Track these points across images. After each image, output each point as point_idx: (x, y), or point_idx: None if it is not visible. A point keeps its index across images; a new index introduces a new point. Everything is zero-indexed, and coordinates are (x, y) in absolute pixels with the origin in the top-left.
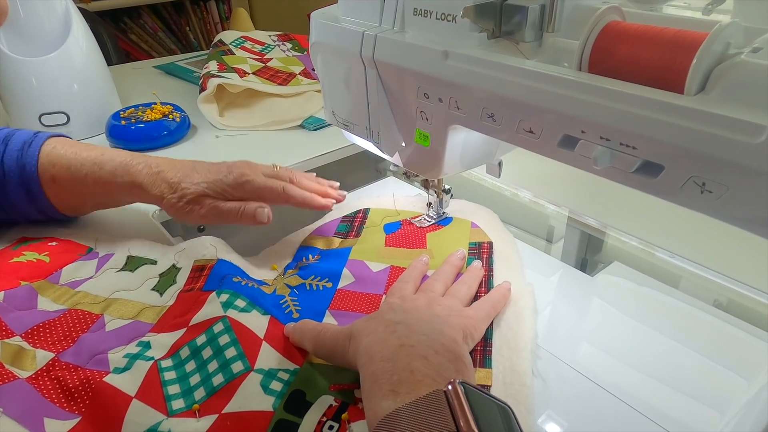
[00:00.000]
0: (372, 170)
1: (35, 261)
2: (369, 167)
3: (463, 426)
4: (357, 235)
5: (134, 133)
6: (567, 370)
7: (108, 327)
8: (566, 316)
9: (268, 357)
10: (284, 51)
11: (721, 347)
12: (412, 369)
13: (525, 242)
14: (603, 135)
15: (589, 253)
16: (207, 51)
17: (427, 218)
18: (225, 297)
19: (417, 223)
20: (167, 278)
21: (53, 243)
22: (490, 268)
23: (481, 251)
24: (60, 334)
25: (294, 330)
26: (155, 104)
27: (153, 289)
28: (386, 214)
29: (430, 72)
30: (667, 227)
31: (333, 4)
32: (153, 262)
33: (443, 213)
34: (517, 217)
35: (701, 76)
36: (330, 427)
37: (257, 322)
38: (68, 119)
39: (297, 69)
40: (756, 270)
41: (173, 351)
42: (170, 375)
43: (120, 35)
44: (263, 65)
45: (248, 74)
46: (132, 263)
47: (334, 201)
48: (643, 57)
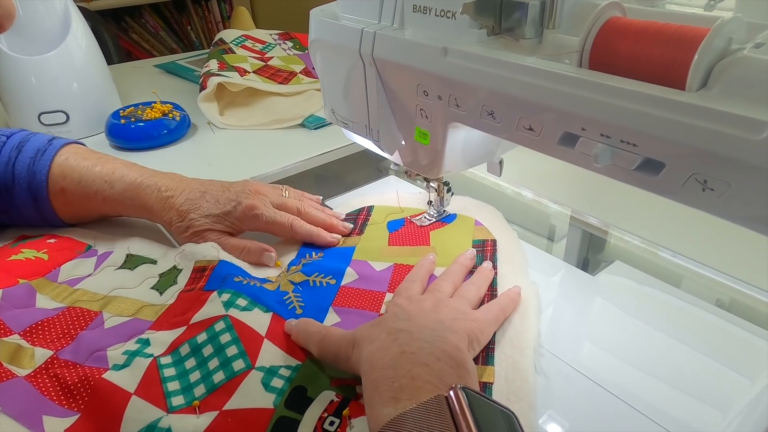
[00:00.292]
0: (373, 169)
1: (33, 259)
2: (370, 166)
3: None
4: (360, 233)
5: (134, 132)
6: (568, 370)
7: (107, 324)
8: (568, 316)
9: (270, 354)
10: (285, 50)
11: (724, 347)
12: (413, 375)
13: (527, 241)
14: (603, 132)
15: (591, 253)
16: (208, 50)
17: (428, 217)
18: (226, 296)
19: (417, 222)
20: (167, 278)
21: (52, 240)
22: (494, 266)
23: (485, 249)
24: (58, 332)
25: (298, 331)
26: (155, 103)
27: (152, 288)
28: (390, 212)
29: (430, 69)
30: (669, 226)
31: (333, 2)
32: (153, 262)
33: (444, 211)
34: (519, 216)
35: (703, 72)
36: (331, 423)
37: (259, 320)
38: (67, 118)
39: (298, 68)
40: (758, 269)
41: (173, 348)
42: (170, 372)
43: (121, 34)
44: (264, 64)
45: (249, 73)
46: (131, 261)
47: (340, 237)
48: (644, 53)
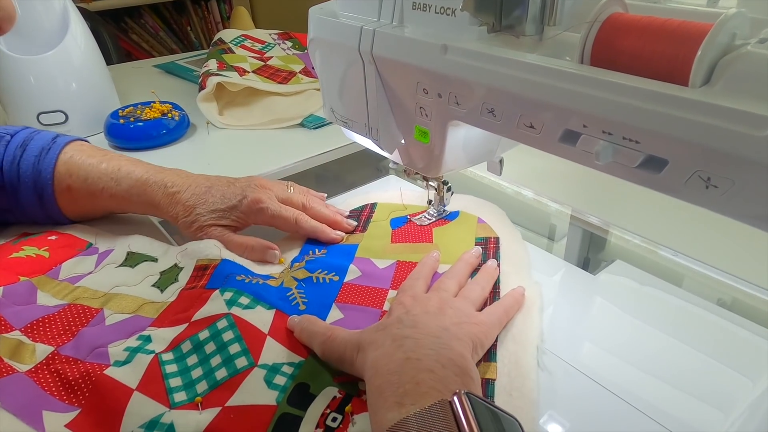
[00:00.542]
0: (373, 169)
1: (35, 256)
2: (370, 166)
3: None
4: (363, 230)
5: (133, 132)
6: (569, 370)
7: (108, 321)
8: (568, 315)
9: (272, 352)
10: (284, 49)
11: (725, 347)
12: (418, 381)
13: (527, 241)
14: (605, 129)
15: (592, 252)
16: (207, 50)
17: (427, 216)
18: (229, 295)
19: (417, 222)
20: (169, 276)
21: (53, 237)
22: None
23: (488, 246)
24: (59, 329)
25: (301, 329)
26: (154, 103)
27: (154, 286)
28: (393, 209)
29: (430, 67)
30: (670, 225)
31: (332, 0)
32: (154, 260)
33: (444, 210)
34: (519, 216)
35: (706, 68)
36: (333, 419)
37: (262, 318)
38: (66, 118)
39: (297, 67)
40: (760, 268)
41: (174, 345)
42: (171, 368)
43: (121, 35)
44: (263, 64)
45: (248, 72)
46: (132, 259)
47: (344, 234)
48: (647, 49)
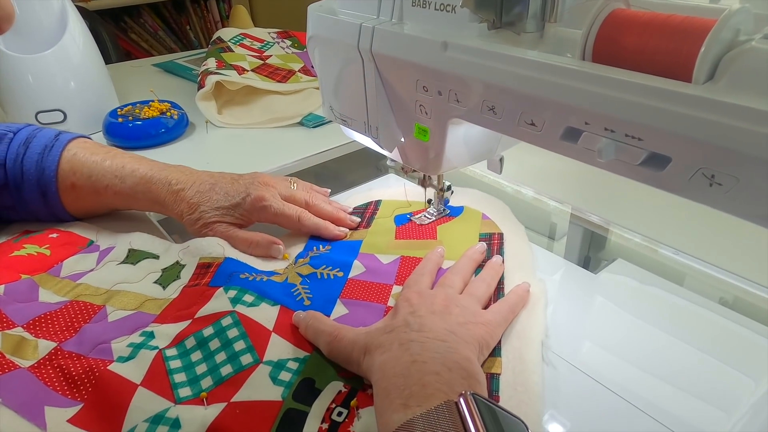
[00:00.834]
0: (372, 167)
1: (36, 254)
2: (369, 164)
3: None
4: (367, 226)
5: (131, 131)
6: (570, 369)
7: (110, 318)
8: (570, 314)
9: (278, 348)
10: (283, 48)
11: (727, 346)
12: (424, 383)
13: None
14: (607, 126)
15: (592, 251)
16: (206, 49)
17: (427, 216)
18: (233, 293)
19: (417, 221)
20: (171, 273)
21: (54, 235)
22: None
23: (492, 242)
24: (62, 325)
25: (307, 326)
26: (153, 102)
27: (155, 283)
28: (398, 206)
29: (429, 64)
30: (672, 223)
31: None
32: (155, 257)
33: (444, 209)
34: (519, 214)
35: (710, 64)
36: (339, 414)
37: (266, 315)
38: (65, 117)
39: (296, 66)
40: (762, 266)
41: (178, 341)
42: (175, 364)
43: (120, 34)
44: (262, 62)
45: (247, 71)
46: (133, 256)
47: (347, 230)
48: (649, 45)
